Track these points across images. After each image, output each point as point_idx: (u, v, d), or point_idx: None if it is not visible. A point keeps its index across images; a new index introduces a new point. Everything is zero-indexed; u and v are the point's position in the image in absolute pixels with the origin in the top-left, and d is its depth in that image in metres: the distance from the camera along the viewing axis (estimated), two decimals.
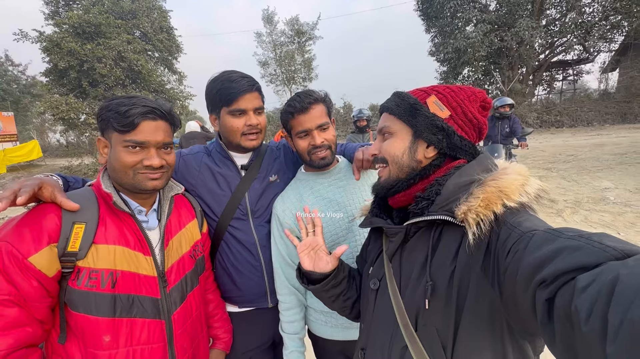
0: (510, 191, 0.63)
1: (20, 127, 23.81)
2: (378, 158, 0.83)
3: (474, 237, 0.60)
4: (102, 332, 0.85)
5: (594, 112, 16.96)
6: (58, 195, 0.84)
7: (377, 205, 0.88)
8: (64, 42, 13.89)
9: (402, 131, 0.78)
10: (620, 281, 0.36)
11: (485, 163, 0.72)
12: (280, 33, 22.11)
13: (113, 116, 0.87)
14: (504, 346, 0.61)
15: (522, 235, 0.55)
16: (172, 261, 1.00)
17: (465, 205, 0.63)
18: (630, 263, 0.38)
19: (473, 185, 0.67)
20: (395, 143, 0.79)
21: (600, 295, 0.37)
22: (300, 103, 1.14)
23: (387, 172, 0.80)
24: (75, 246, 0.83)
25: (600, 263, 0.41)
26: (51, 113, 14.32)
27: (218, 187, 1.28)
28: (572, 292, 0.40)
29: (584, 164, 8.18)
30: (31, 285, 0.78)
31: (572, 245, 0.46)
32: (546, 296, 0.44)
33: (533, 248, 0.50)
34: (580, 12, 15.75)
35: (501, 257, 0.56)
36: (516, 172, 0.67)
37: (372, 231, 0.96)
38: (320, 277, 0.97)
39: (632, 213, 4.73)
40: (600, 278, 0.38)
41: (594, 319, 0.36)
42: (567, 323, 0.41)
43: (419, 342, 0.66)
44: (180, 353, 0.98)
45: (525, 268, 0.49)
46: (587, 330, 0.37)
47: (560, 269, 0.44)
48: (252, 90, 1.19)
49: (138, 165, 0.90)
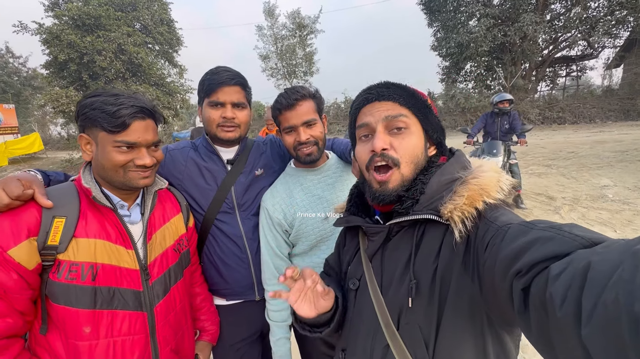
0: (490, 188, 0.65)
1: (21, 119, 23.83)
2: (387, 156, 0.71)
3: (460, 234, 0.62)
4: (83, 323, 0.86)
5: (596, 109, 16.81)
6: (36, 190, 0.84)
7: (354, 204, 0.86)
8: (64, 34, 13.81)
9: (417, 127, 0.75)
10: (592, 267, 0.37)
11: (462, 161, 0.74)
12: (281, 26, 21.93)
13: (101, 116, 0.86)
14: (484, 338, 0.62)
15: (498, 229, 0.57)
16: (155, 254, 1.01)
17: (452, 204, 0.64)
18: (598, 250, 0.40)
19: (455, 183, 0.68)
20: (414, 141, 0.73)
21: (573, 281, 0.38)
22: (287, 100, 1.15)
23: (398, 176, 0.71)
24: (56, 239, 0.83)
25: (571, 252, 0.43)
26: (52, 106, 14.30)
27: (204, 181, 1.29)
28: (546, 280, 0.42)
29: (584, 161, 8.14)
30: (11, 277, 0.79)
31: (545, 235, 0.47)
32: (522, 285, 0.46)
33: (509, 240, 0.52)
34: (585, 7, 15.51)
35: (480, 251, 0.58)
36: (492, 169, 0.69)
37: (348, 230, 0.93)
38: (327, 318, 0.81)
39: (630, 211, 4.72)
40: (572, 265, 0.40)
41: (568, 304, 0.38)
42: (542, 310, 0.42)
43: (401, 340, 0.67)
44: (163, 344, 1.00)
45: (502, 260, 0.51)
46: (561, 315, 0.38)
47: (534, 259, 0.45)
48: (231, 84, 1.20)
49: (129, 164, 0.91)
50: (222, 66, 1.25)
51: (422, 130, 0.76)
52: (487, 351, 0.62)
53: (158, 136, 0.98)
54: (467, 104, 17.53)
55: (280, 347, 1.26)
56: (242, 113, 1.26)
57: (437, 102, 20.40)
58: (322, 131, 1.22)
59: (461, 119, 17.66)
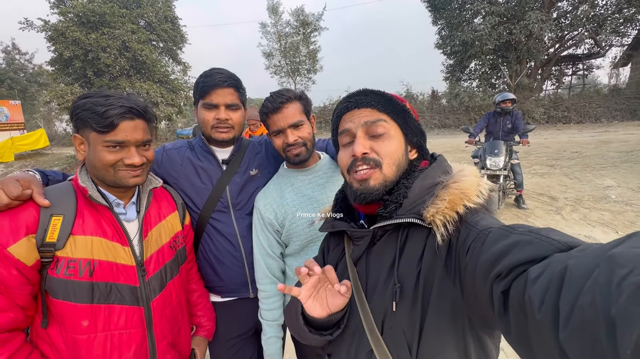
0: (470, 192, 0.66)
1: (27, 115, 24.09)
2: (368, 159, 0.74)
3: (442, 238, 0.62)
4: (81, 317, 0.89)
5: (602, 108, 16.62)
6: (34, 190, 0.87)
7: (339, 208, 0.86)
8: (69, 31, 13.91)
9: (397, 131, 0.77)
10: (569, 271, 0.37)
11: (444, 166, 0.76)
12: (285, 24, 21.92)
13: (91, 116, 0.89)
14: (466, 341, 0.63)
15: (479, 233, 0.58)
16: (152, 251, 1.04)
17: (434, 208, 0.65)
18: (574, 254, 0.40)
19: (437, 188, 0.69)
20: (395, 144, 0.75)
21: (550, 284, 0.39)
22: (273, 104, 1.17)
23: (379, 175, 0.73)
24: (54, 237, 0.86)
25: (548, 255, 0.44)
26: (57, 103, 14.44)
27: (200, 181, 1.31)
28: (525, 283, 0.43)
29: (588, 161, 8.08)
30: (11, 273, 0.82)
31: (524, 239, 0.48)
32: (502, 288, 0.47)
33: (489, 244, 0.53)
34: (592, 5, 15.28)
35: (462, 255, 0.59)
36: (472, 173, 0.70)
37: (332, 235, 0.93)
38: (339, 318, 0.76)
39: (633, 212, 4.69)
40: (550, 268, 0.41)
41: (546, 307, 0.38)
42: (521, 313, 0.43)
43: (385, 346, 0.67)
44: (160, 338, 1.03)
45: (483, 263, 0.52)
46: (539, 317, 0.39)
47: (513, 262, 0.46)
48: (225, 86, 1.22)
49: (119, 163, 0.93)
50: (216, 68, 1.27)
51: (401, 134, 0.78)
52: (469, 353, 0.63)
53: (149, 136, 1.00)
54: (471, 103, 17.42)
55: (271, 346, 1.28)
56: (236, 114, 1.28)
57: (440, 100, 20.29)
58: (310, 132, 1.24)
59: (465, 118, 17.56)
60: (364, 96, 0.78)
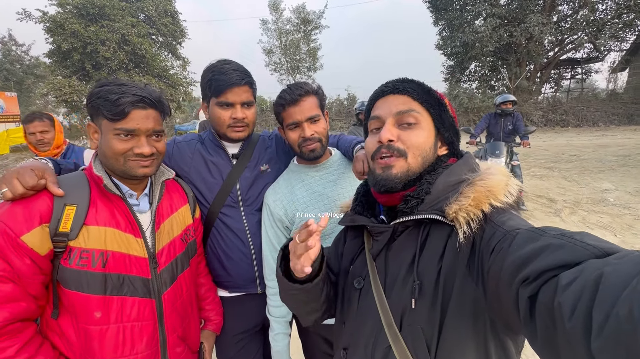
0: (497, 191, 0.64)
1: (23, 107, 23.78)
2: (393, 147, 0.72)
3: (465, 236, 0.61)
4: (93, 308, 0.88)
5: (600, 112, 16.78)
6: (48, 179, 0.86)
7: (359, 203, 0.85)
8: (68, 23, 13.78)
9: (428, 123, 0.74)
10: (605, 278, 0.36)
11: (470, 163, 0.73)
12: (286, 21, 21.80)
13: (103, 104, 0.88)
14: (487, 343, 0.61)
15: (506, 233, 0.56)
16: (163, 243, 1.03)
17: (457, 204, 0.63)
18: (611, 261, 0.38)
19: (462, 185, 0.67)
20: (424, 135, 0.73)
21: (584, 292, 0.37)
22: (291, 95, 1.14)
23: (404, 164, 0.72)
24: (67, 227, 0.85)
25: (582, 261, 0.42)
26: (54, 95, 14.32)
27: (210, 175, 1.30)
28: (555, 289, 0.41)
29: (586, 164, 8.14)
30: (24, 263, 0.81)
31: (555, 243, 0.46)
32: (529, 293, 0.45)
33: (516, 246, 0.51)
34: (592, 9, 15.40)
35: (485, 255, 0.57)
36: (500, 172, 0.69)
37: (350, 229, 0.92)
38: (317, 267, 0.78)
39: (631, 215, 4.73)
40: (584, 275, 0.39)
41: (578, 315, 0.37)
42: (549, 320, 0.41)
43: (403, 342, 0.66)
44: (170, 331, 1.02)
45: (509, 265, 0.50)
46: (570, 326, 0.37)
47: (543, 266, 0.44)
48: (241, 84, 1.19)
49: (129, 152, 0.92)
50: (227, 62, 1.23)
51: (433, 127, 0.75)
52: (490, 355, 0.62)
53: (161, 126, 0.99)
54: (470, 104, 17.48)
55: (279, 342, 1.28)
56: (251, 111, 1.27)
57: None
58: (325, 127, 1.22)
59: (464, 119, 17.61)
60: (401, 83, 0.76)
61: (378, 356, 0.71)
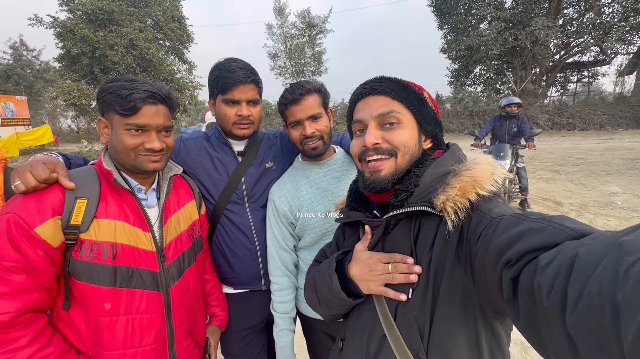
0: (483, 180, 0.65)
1: (32, 111, 24.23)
2: (381, 148, 0.75)
3: (453, 225, 0.62)
4: (104, 300, 0.90)
5: (607, 116, 16.59)
6: (59, 172, 0.89)
7: (354, 199, 0.87)
8: (77, 28, 14.07)
9: (410, 120, 0.76)
10: (579, 258, 0.38)
11: (457, 155, 0.75)
12: (291, 25, 22.02)
13: (115, 99, 0.90)
14: (477, 327, 0.63)
15: (491, 220, 0.58)
16: (171, 238, 1.05)
17: (444, 195, 0.65)
18: (586, 241, 0.40)
19: (449, 176, 0.69)
20: (407, 133, 0.75)
21: (560, 271, 0.39)
22: (292, 94, 1.17)
23: (392, 164, 0.74)
24: (78, 219, 0.88)
25: (560, 243, 0.44)
26: (63, 99, 14.59)
27: (216, 171, 1.32)
28: (535, 270, 0.43)
29: (593, 168, 8.05)
30: (37, 254, 0.83)
31: (535, 226, 0.48)
32: (511, 275, 0.47)
33: (500, 231, 0.54)
34: (599, 12, 15.30)
35: (473, 242, 0.59)
36: (486, 162, 0.70)
37: (348, 225, 0.93)
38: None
39: (639, 218, 4.67)
40: (560, 255, 0.41)
41: (555, 293, 0.39)
42: (530, 300, 0.43)
43: (398, 331, 0.68)
44: (178, 324, 1.04)
45: (493, 249, 0.52)
46: (548, 304, 0.39)
47: (523, 249, 0.46)
48: (247, 82, 1.21)
49: (139, 147, 0.94)
50: (233, 61, 1.25)
51: (415, 123, 0.77)
52: (480, 340, 0.63)
53: (170, 122, 1.01)
54: (475, 108, 17.42)
55: (283, 338, 1.29)
56: (256, 109, 1.29)
57: (444, 104, 20.29)
58: (328, 125, 1.24)
59: (469, 122, 17.55)
60: (379, 83, 0.78)
61: (373, 345, 0.73)
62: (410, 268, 0.68)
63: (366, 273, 0.74)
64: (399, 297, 0.69)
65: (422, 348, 0.65)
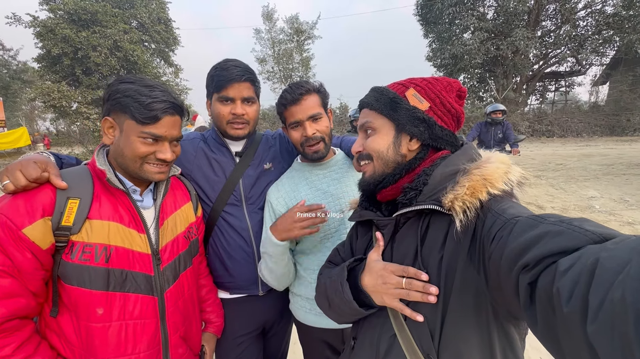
0: (494, 179, 0.64)
1: (8, 113, 23.25)
2: (362, 154, 0.82)
3: (461, 224, 0.61)
4: (96, 305, 0.85)
5: (583, 124, 17.39)
6: (50, 172, 0.85)
7: (365, 198, 0.88)
8: (59, 28, 13.61)
9: (384, 126, 0.77)
10: (600, 264, 0.36)
11: (469, 153, 0.74)
12: (279, 31, 22.06)
13: (133, 104, 0.87)
14: (490, 330, 0.62)
15: (506, 221, 0.56)
16: (167, 240, 1.01)
17: (452, 194, 0.64)
18: (608, 246, 0.39)
19: (459, 174, 0.68)
20: (378, 139, 0.78)
21: (581, 277, 0.38)
22: (292, 95, 1.15)
23: (371, 168, 0.80)
24: (70, 220, 0.83)
25: (580, 247, 0.42)
26: (42, 100, 14.03)
27: (213, 173, 1.29)
28: (554, 275, 0.42)
29: (572, 173, 8.37)
30: (25, 257, 0.78)
31: (554, 230, 0.47)
32: (529, 279, 0.46)
33: (516, 234, 0.52)
34: (574, 26, 16.12)
35: (486, 243, 0.58)
36: (499, 160, 0.69)
37: (360, 224, 0.94)
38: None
39: (616, 221, 4.86)
40: (581, 261, 0.39)
41: (575, 300, 0.37)
42: (548, 306, 0.42)
43: (408, 331, 0.67)
44: (172, 330, 1.00)
45: (509, 253, 0.50)
46: (568, 311, 0.38)
47: (542, 253, 0.45)
48: (242, 80, 1.19)
49: (150, 156, 0.92)
50: (230, 60, 1.24)
51: (392, 128, 0.77)
52: (493, 343, 0.62)
53: (181, 133, 1.00)
54: None
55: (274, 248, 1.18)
56: (252, 108, 1.27)
57: None
58: (328, 125, 1.23)
59: None
60: (366, 98, 0.84)
61: (383, 345, 0.72)
62: (426, 287, 0.65)
63: (379, 285, 0.72)
64: (415, 317, 0.67)
65: (433, 349, 0.64)
